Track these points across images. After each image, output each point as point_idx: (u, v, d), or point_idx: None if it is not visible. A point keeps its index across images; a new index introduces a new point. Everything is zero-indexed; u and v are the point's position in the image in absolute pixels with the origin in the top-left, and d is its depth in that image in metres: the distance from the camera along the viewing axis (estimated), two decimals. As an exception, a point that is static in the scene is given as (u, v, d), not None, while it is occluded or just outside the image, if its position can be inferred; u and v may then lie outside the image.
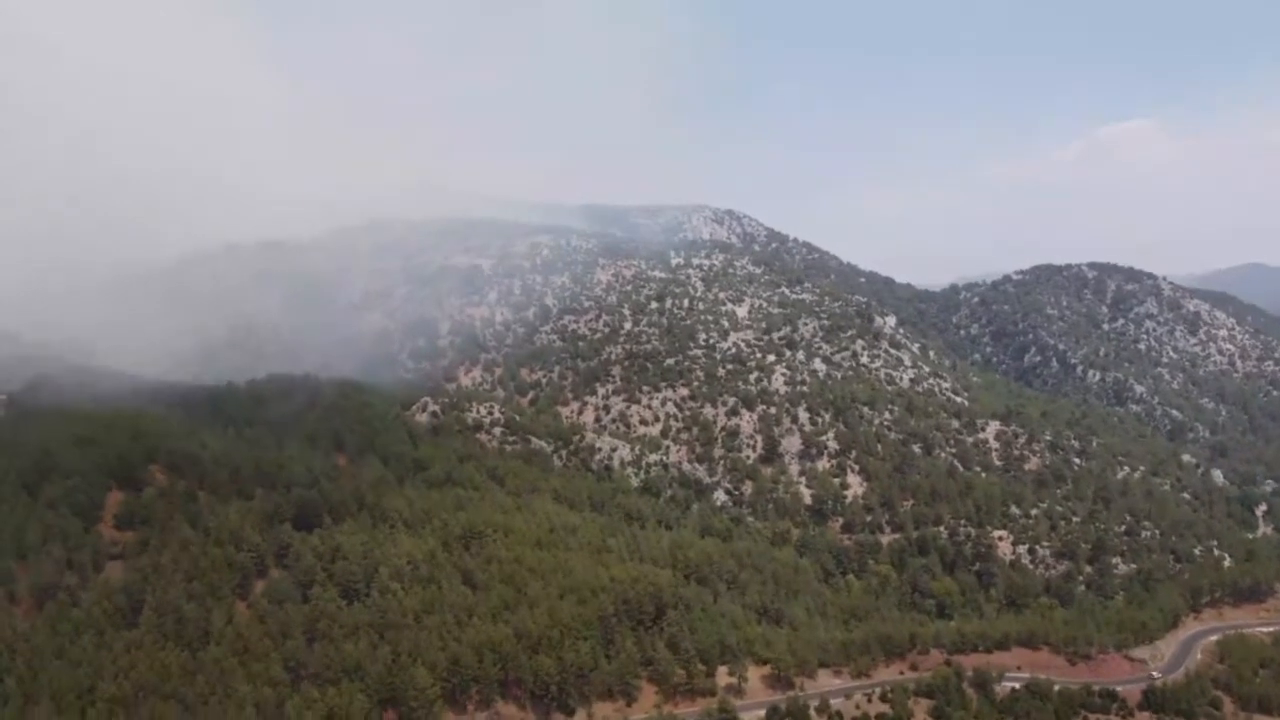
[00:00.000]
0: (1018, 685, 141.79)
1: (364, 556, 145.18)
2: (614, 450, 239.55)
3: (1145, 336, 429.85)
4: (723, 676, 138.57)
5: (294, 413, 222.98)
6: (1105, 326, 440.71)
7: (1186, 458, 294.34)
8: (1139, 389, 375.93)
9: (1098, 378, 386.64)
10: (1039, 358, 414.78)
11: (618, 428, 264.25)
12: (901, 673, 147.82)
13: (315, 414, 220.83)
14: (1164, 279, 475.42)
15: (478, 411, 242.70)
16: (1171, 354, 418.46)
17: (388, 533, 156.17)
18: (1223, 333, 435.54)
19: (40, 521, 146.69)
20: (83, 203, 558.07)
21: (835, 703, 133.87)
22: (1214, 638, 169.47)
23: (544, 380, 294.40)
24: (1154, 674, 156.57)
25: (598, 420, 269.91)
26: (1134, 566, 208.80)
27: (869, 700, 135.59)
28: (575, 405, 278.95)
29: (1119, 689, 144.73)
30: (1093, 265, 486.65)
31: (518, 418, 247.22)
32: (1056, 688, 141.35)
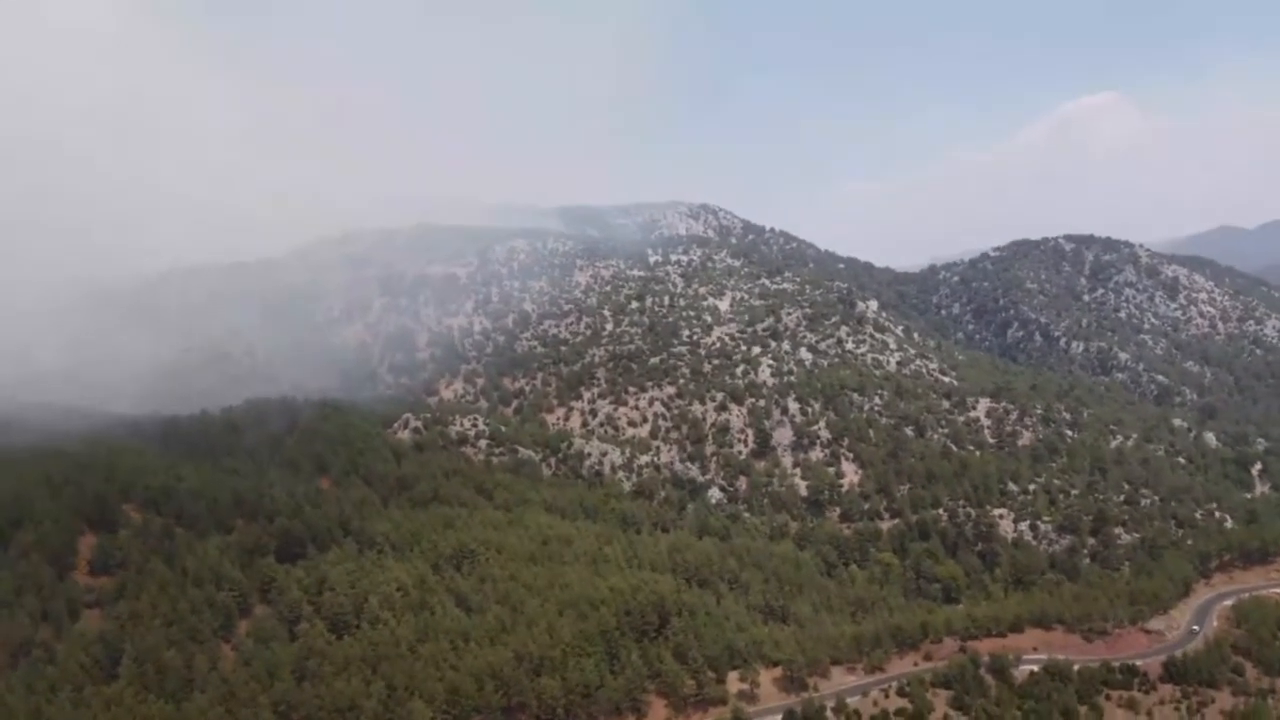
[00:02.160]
0: (1036, 668, 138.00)
1: (351, 586, 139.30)
2: (604, 455, 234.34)
3: (1126, 304, 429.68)
4: (734, 682, 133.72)
5: (273, 438, 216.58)
6: (1085, 297, 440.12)
7: (1178, 422, 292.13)
8: (1123, 357, 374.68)
9: (1081, 348, 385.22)
10: (1021, 332, 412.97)
11: (606, 431, 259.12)
12: (916, 664, 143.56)
13: (295, 438, 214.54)
14: (1141, 246, 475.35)
15: (461, 425, 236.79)
16: (1153, 320, 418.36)
17: (375, 559, 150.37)
18: (1202, 295, 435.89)
19: (12, 572, 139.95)
20: (42, 220, 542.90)
21: (852, 701, 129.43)
22: (1228, 602, 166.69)
23: (527, 388, 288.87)
24: (1194, 628, 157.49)
25: (585, 425, 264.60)
26: (1137, 536, 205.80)
27: (886, 696, 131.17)
28: (561, 411, 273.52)
29: (1139, 663, 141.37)
30: (1069, 237, 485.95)
31: (503, 428, 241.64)
32: (1076, 667, 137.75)
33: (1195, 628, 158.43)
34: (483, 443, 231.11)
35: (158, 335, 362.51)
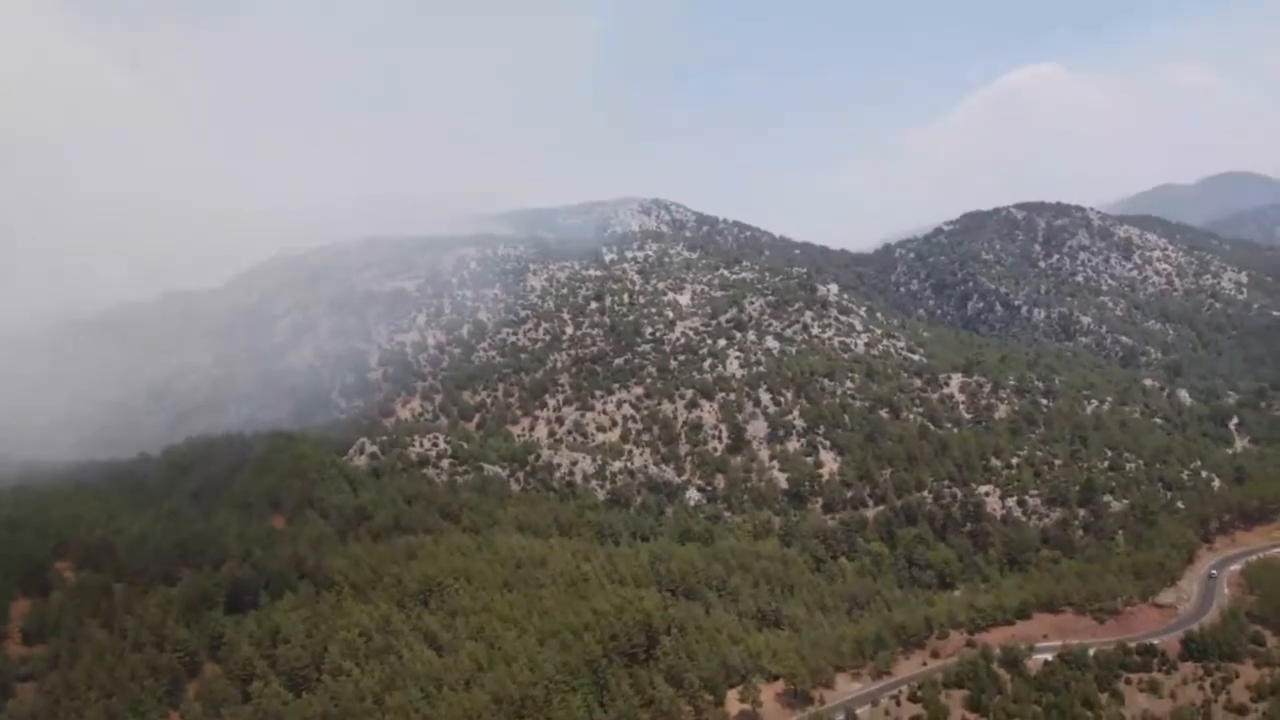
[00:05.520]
0: (1050, 656, 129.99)
1: (308, 635, 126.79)
2: (574, 464, 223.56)
3: (1082, 268, 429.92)
4: (733, 702, 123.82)
5: (220, 476, 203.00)
6: (1041, 264, 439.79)
7: (1149, 382, 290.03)
8: (1085, 320, 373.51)
9: (1043, 315, 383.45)
10: (982, 304, 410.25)
11: (574, 439, 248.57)
12: (924, 663, 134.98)
13: (244, 474, 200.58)
14: (1092, 209, 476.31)
15: (421, 445, 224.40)
16: (1110, 281, 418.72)
17: (333, 601, 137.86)
18: (1156, 253, 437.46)
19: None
20: None
21: (862, 712, 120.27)
22: (1235, 567, 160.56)
23: (489, 400, 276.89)
24: (1212, 571, 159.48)
25: (552, 434, 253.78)
26: (1126, 502, 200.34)
27: (898, 703, 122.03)
28: (526, 422, 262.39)
29: (1155, 642, 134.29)
30: (1020, 205, 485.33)
31: (465, 445, 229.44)
32: (1091, 652, 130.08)
33: (1213, 571, 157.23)
34: (445, 462, 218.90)
35: (101, 374, 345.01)
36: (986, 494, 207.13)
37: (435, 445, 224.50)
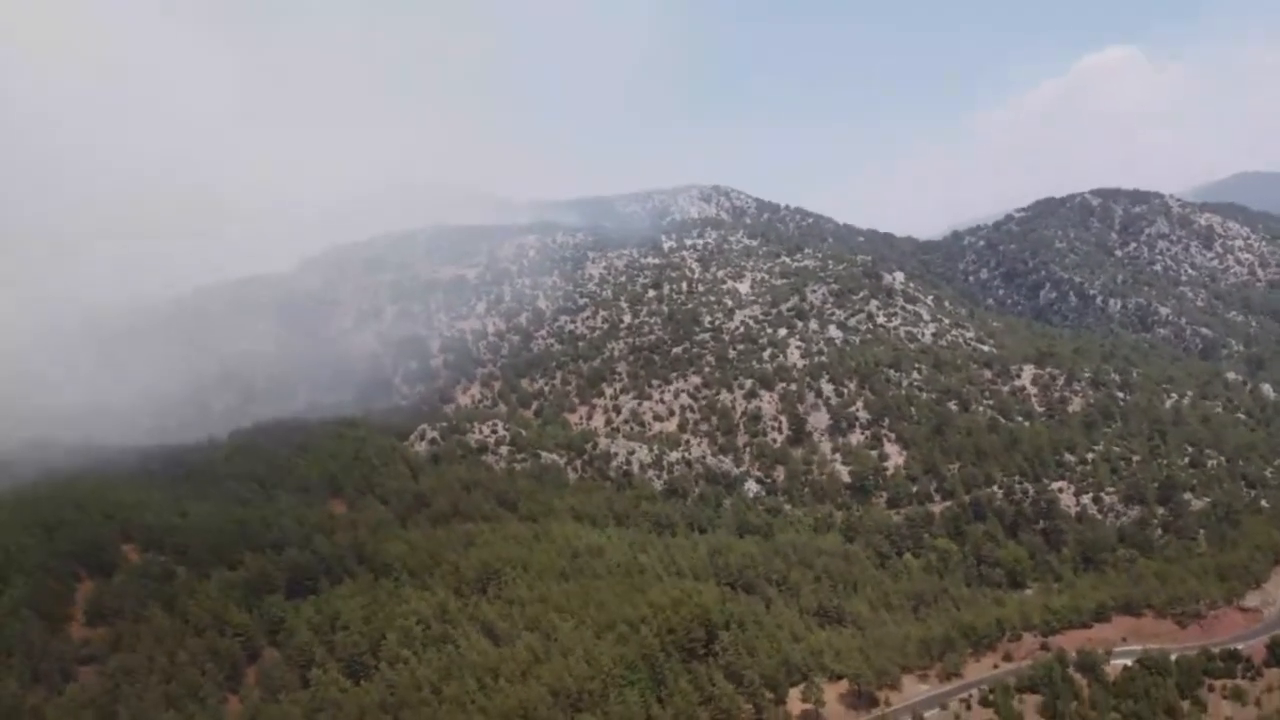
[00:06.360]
0: (1129, 661, 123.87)
1: (366, 622, 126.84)
2: (631, 453, 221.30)
3: (1160, 257, 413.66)
4: (795, 702, 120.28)
5: (283, 461, 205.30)
6: (1118, 253, 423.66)
7: (1231, 375, 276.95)
8: (1163, 311, 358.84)
9: (1119, 306, 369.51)
10: (1054, 293, 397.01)
11: (631, 428, 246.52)
12: (995, 666, 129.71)
13: (306, 459, 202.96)
14: (1171, 196, 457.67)
15: (480, 432, 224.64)
16: (1190, 271, 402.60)
17: (392, 588, 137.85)
18: (1238, 243, 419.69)
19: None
20: (42, 236, 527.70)
21: (930, 715, 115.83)
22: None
23: (547, 388, 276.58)
24: None
25: (609, 423, 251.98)
26: (1208, 500, 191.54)
27: (968, 707, 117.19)
28: (583, 410, 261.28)
29: (1240, 647, 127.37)
30: (1096, 192, 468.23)
31: (523, 432, 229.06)
32: (1173, 657, 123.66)
33: None
34: (504, 449, 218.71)
35: (170, 359, 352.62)
36: (1060, 490, 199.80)
37: (494, 432, 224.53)
